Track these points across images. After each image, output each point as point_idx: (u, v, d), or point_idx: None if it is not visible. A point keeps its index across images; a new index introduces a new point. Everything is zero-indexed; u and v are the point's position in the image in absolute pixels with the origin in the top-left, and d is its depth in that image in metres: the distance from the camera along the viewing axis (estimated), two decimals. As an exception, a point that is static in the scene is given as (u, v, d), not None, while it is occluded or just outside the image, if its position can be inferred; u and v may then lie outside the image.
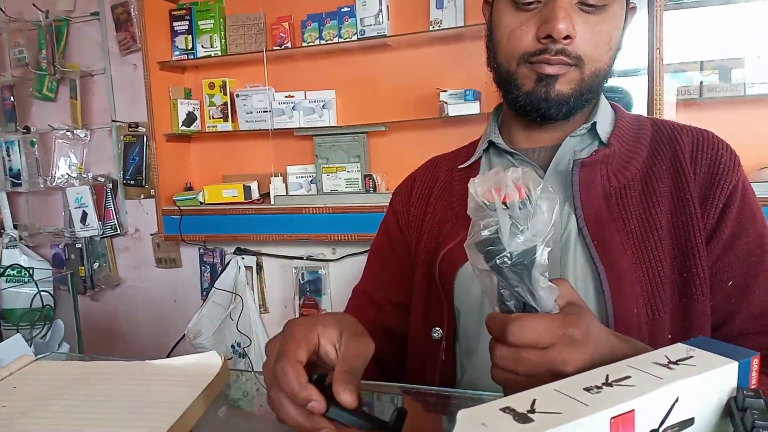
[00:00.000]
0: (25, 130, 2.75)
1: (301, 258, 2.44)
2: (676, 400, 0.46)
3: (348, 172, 2.27)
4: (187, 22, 2.46)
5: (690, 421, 0.47)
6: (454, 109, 2.07)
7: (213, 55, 2.43)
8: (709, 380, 0.48)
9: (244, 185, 2.36)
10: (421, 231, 0.88)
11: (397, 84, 2.26)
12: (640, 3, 1.90)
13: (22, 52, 2.71)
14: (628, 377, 0.47)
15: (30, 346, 1.25)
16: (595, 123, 0.79)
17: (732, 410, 0.49)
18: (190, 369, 0.69)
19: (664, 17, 1.76)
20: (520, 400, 0.43)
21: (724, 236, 0.73)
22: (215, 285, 2.44)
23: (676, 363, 0.49)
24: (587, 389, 0.44)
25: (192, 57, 2.46)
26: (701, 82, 1.82)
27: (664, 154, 0.78)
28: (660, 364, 0.49)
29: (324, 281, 2.40)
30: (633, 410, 0.43)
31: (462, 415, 0.41)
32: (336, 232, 2.22)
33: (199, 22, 2.44)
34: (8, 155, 2.76)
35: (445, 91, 2.11)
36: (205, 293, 2.56)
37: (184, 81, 2.58)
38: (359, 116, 2.30)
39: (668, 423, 0.45)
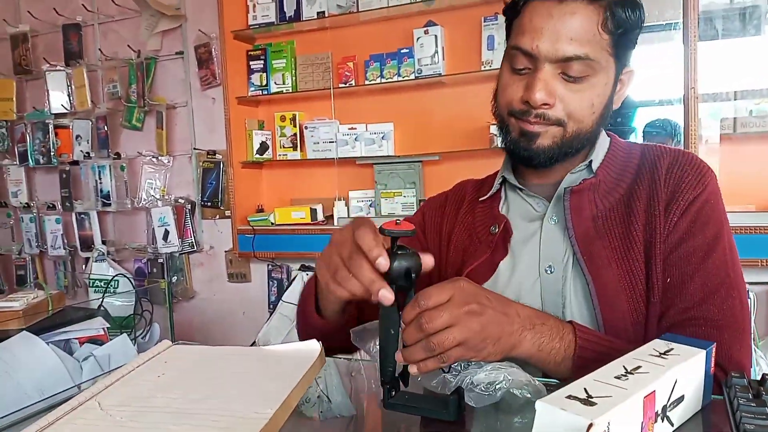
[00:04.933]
0: (115, 156, 3.07)
1: (361, 275, 2.65)
2: (676, 382, 0.57)
3: (404, 197, 2.49)
4: (262, 62, 2.74)
5: (682, 398, 0.59)
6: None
7: (285, 91, 2.69)
8: (692, 365, 0.60)
9: (310, 208, 2.60)
10: (449, 246, 0.99)
11: (450, 117, 2.46)
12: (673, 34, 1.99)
13: (116, 86, 3.05)
14: (639, 367, 0.57)
15: (134, 345, 1.48)
16: (591, 161, 0.90)
17: (723, 389, 0.62)
18: (295, 353, 0.82)
19: (698, 48, 1.86)
20: (575, 389, 0.52)
21: (674, 239, 0.82)
22: (283, 298, 2.68)
23: (665, 354, 0.61)
24: (617, 377, 0.55)
25: (266, 93, 2.73)
26: (734, 118, 1.92)
27: (644, 177, 0.88)
28: (654, 356, 0.60)
29: (380, 296, 2.60)
30: (654, 391, 0.54)
31: (540, 404, 0.50)
32: (393, 251, 2.43)
33: (273, 62, 2.72)
34: (99, 178, 3.08)
35: (495, 124, 2.30)
36: (272, 306, 2.79)
37: (257, 114, 2.86)
38: (415, 146, 2.52)
39: (671, 399, 0.57)
